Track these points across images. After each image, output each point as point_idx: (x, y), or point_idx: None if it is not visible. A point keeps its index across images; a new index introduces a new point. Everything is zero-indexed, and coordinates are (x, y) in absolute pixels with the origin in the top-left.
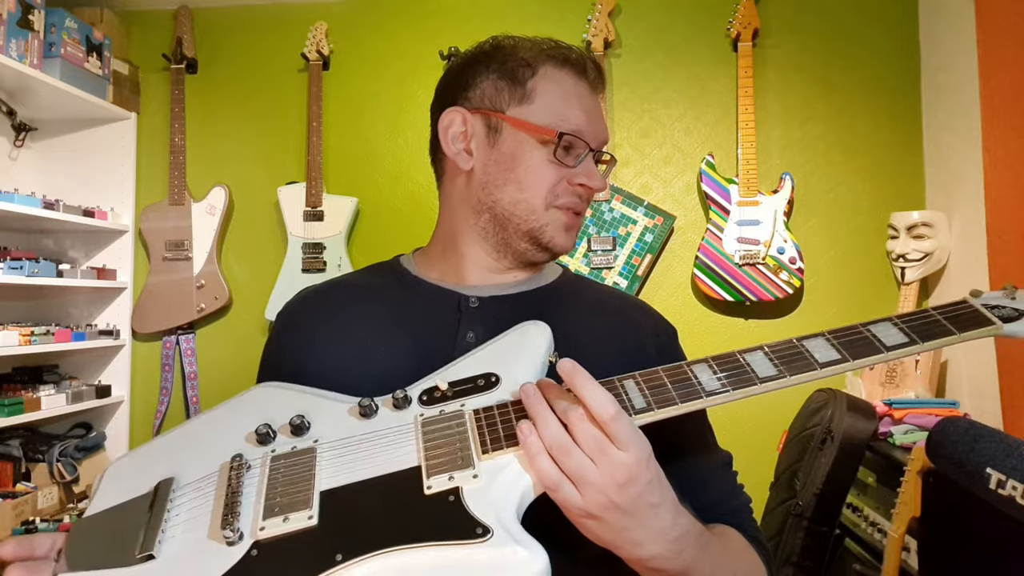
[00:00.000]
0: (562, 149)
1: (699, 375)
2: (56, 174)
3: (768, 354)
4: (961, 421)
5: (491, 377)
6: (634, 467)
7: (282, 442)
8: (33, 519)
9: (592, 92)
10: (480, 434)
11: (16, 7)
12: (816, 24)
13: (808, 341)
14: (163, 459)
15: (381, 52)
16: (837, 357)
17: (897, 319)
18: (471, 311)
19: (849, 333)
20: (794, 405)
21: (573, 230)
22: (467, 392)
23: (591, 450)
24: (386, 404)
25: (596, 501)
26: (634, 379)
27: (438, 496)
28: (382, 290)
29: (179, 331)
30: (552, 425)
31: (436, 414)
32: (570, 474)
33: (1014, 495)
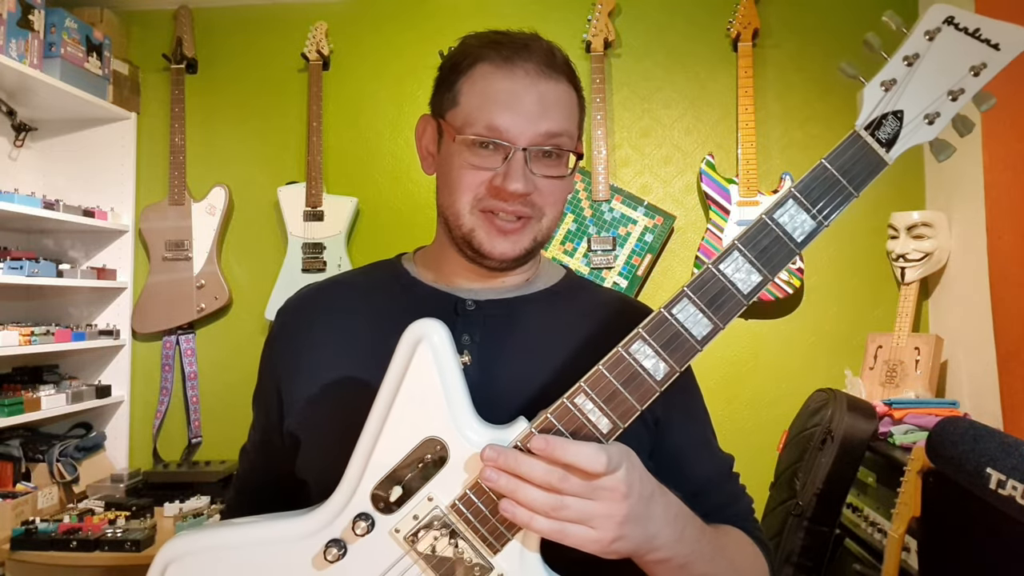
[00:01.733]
0: (480, 149)
1: (642, 362)
2: (56, 174)
3: (695, 301)
4: (961, 421)
5: (435, 446)
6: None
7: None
8: (33, 519)
9: (531, 84)
10: (479, 534)
11: (16, 7)
12: (816, 24)
13: (724, 264)
14: None
15: (381, 52)
16: (759, 280)
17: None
18: (468, 314)
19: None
20: (794, 405)
21: (511, 235)
22: (422, 479)
23: (585, 494)
24: (348, 537)
25: (610, 526)
26: (584, 393)
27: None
28: (380, 291)
29: (179, 331)
30: (534, 494)
31: (412, 524)
32: (573, 520)
33: (1014, 495)
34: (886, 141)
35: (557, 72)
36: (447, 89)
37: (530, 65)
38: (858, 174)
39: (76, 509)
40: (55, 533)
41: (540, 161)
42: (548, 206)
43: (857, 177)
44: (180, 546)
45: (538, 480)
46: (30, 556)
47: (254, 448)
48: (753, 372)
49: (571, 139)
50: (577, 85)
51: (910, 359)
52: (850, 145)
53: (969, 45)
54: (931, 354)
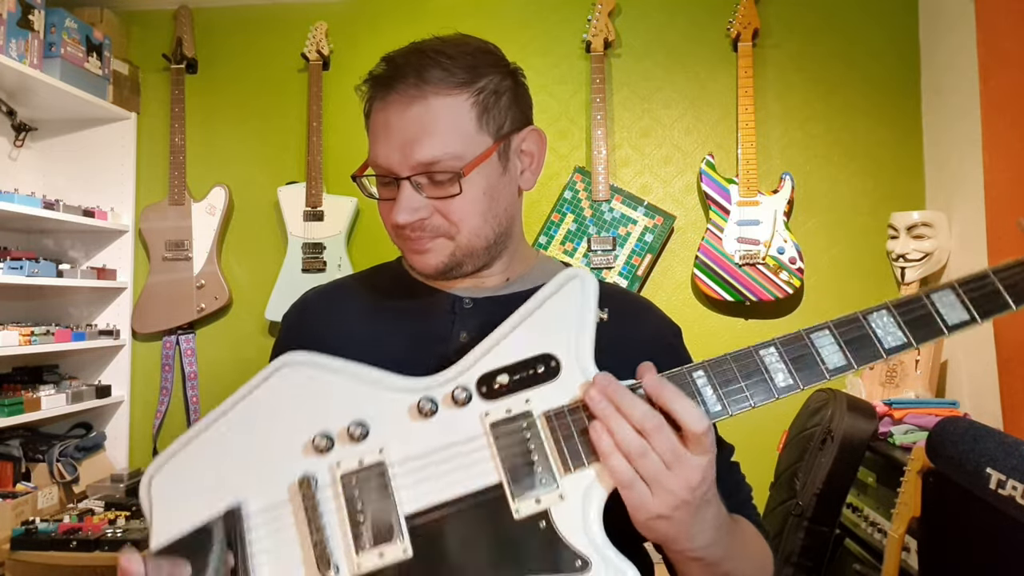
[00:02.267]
0: (381, 185)
1: (771, 370)
2: (56, 174)
3: (836, 336)
4: (961, 421)
5: (550, 361)
6: (708, 469)
7: (345, 453)
8: (33, 519)
9: (403, 111)
10: (558, 447)
11: (16, 7)
12: (816, 24)
13: (873, 319)
14: (215, 474)
15: (381, 52)
16: (903, 342)
17: (960, 288)
18: (465, 312)
19: (913, 308)
20: (794, 405)
21: (427, 253)
22: (527, 382)
23: (668, 456)
24: (445, 400)
25: (667, 502)
26: (705, 372)
27: (529, 521)
28: (382, 292)
29: (179, 331)
30: (625, 429)
31: (503, 415)
32: (645, 476)
33: (1014, 495)
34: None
35: (428, 90)
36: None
37: (399, 92)
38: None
39: (76, 509)
40: (55, 533)
41: (431, 185)
42: (458, 223)
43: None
44: (298, 357)
45: (635, 419)
46: (30, 556)
47: None
48: None
49: (456, 158)
50: (476, 84)
51: (910, 359)
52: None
53: None
54: (931, 354)
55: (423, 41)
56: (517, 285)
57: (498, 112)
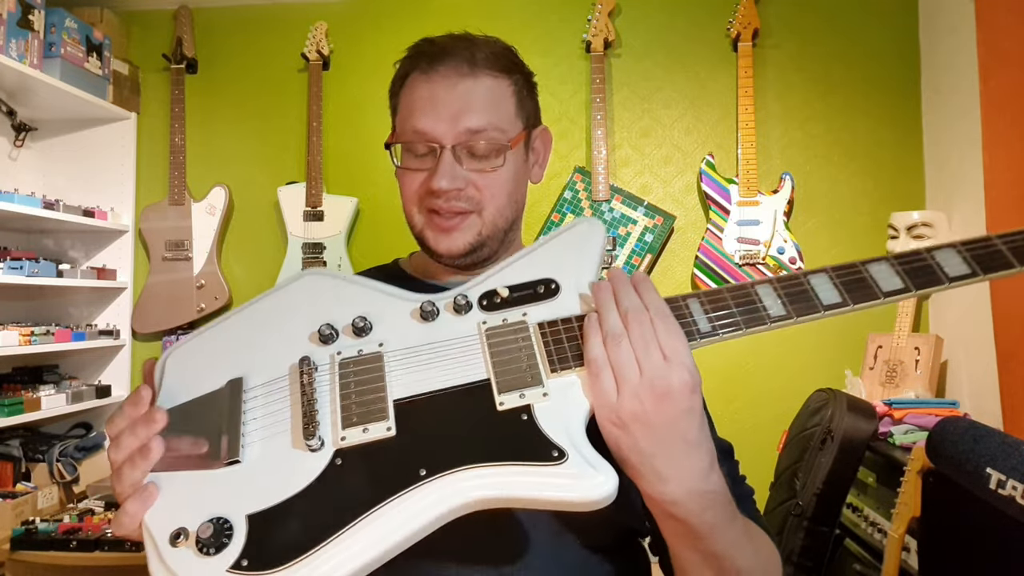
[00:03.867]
0: (412, 155)
1: (763, 298)
2: (56, 174)
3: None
4: (961, 421)
5: (551, 284)
6: (676, 384)
7: (346, 344)
8: (33, 519)
9: (451, 84)
10: (547, 351)
11: (16, 7)
12: (816, 24)
13: (873, 266)
14: (226, 354)
15: (381, 52)
16: (900, 286)
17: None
18: None
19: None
20: (794, 405)
21: (453, 231)
22: (527, 299)
23: (640, 351)
24: (447, 307)
25: (629, 406)
26: (699, 299)
27: (511, 413)
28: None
29: (179, 331)
30: (613, 316)
31: (499, 323)
32: (615, 366)
33: (1014, 495)
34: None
35: (479, 69)
36: (392, 107)
37: (449, 69)
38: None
39: (76, 509)
40: (55, 533)
41: (470, 157)
42: (487, 199)
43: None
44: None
45: (622, 303)
46: (30, 556)
47: None
48: (753, 372)
49: (500, 131)
50: (513, 75)
51: (910, 359)
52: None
53: None
54: (931, 354)
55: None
56: None
57: (528, 104)
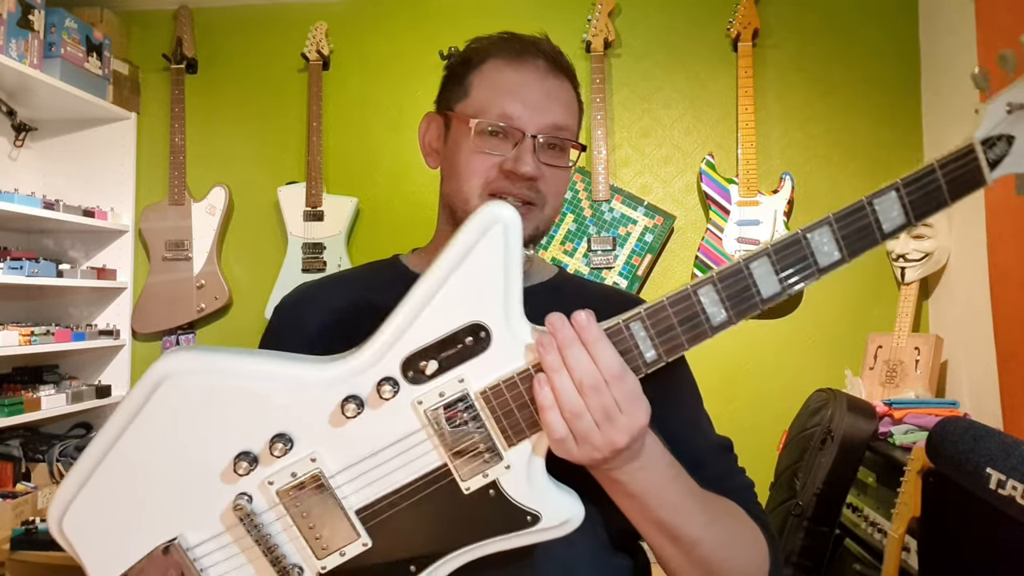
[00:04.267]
0: (490, 136)
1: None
2: (56, 174)
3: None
4: (961, 421)
5: (478, 331)
6: (634, 433)
7: (273, 468)
8: (33, 519)
9: (540, 79)
10: (500, 425)
11: (16, 7)
12: (816, 24)
13: (812, 235)
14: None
15: (381, 52)
16: (837, 257)
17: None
18: None
19: (852, 217)
20: (794, 405)
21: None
22: (457, 358)
23: (599, 416)
24: (371, 398)
25: (588, 455)
26: (641, 321)
27: (479, 493)
28: (378, 285)
29: (179, 331)
30: (567, 388)
31: (437, 400)
32: (575, 433)
33: (1014, 495)
34: (991, 161)
35: (561, 72)
36: (457, 83)
37: (539, 62)
38: (959, 185)
39: None
40: None
41: (546, 151)
42: (551, 195)
43: (958, 188)
44: (180, 362)
45: (576, 374)
46: (30, 556)
47: None
48: (753, 372)
49: (572, 134)
50: (577, 88)
51: (910, 359)
52: (964, 155)
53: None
54: (931, 354)
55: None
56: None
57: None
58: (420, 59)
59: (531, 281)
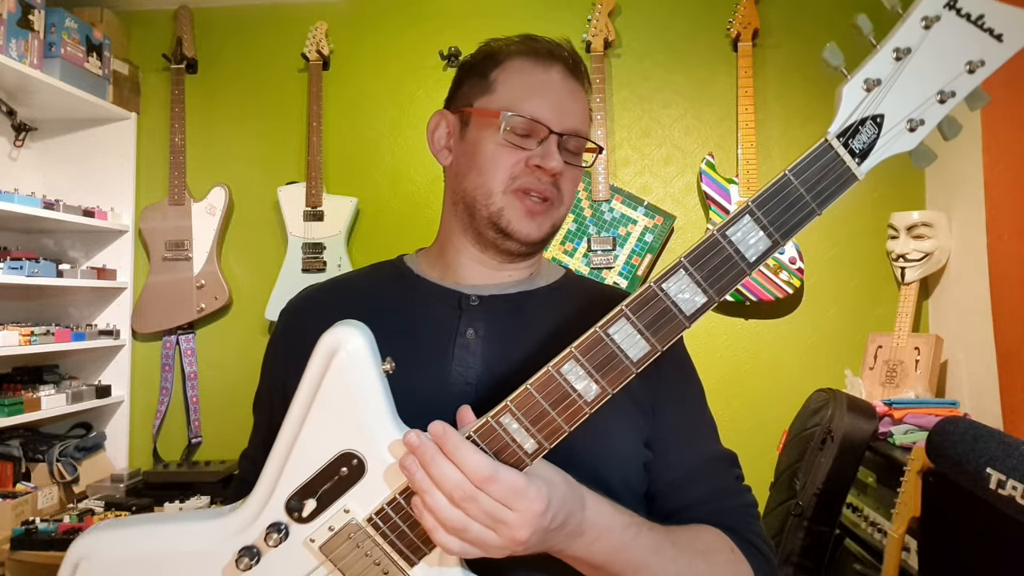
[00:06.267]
0: (517, 133)
1: (574, 383)
2: (56, 174)
3: (634, 322)
4: (961, 421)
5: (351, 460)
6: (532, 521)
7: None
8: (33, 519)
9: (563, 81)
10: (396, 547)
11: (16, 7)
12: (816, 24)
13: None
14: None
15: (381, 52)
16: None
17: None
18: (472, 308)
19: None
20: (794, 405)
21: (537, 216)
22: (338, 490)
23: (488, 522)
24: (261, 546)
25: (505, 550)
26: (509, 411)
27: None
28: (384, 289)
29: (179, 331)
30: (442, 505)
31: (328, 535)
32: (472, 543)
33: (1014, 495)
34: (860, 152)
35: (582, 77)
36: (479, 79)
37: (562, 65)
38: (824, 189)
39: (76, 509)
40: (55, 533)
41: (565, 151)
42: (567, 194)
43: (823, 192)
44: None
45: (445, 489)
46: (30, 556)
47: (256, 449)
48: (753, 372)
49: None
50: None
51: (910, 359)
52: (819, 156)
53: (968, 36)
54: (931, 354)
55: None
56: (527, 284)
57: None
58: (420, 59)
59: (535, 284)
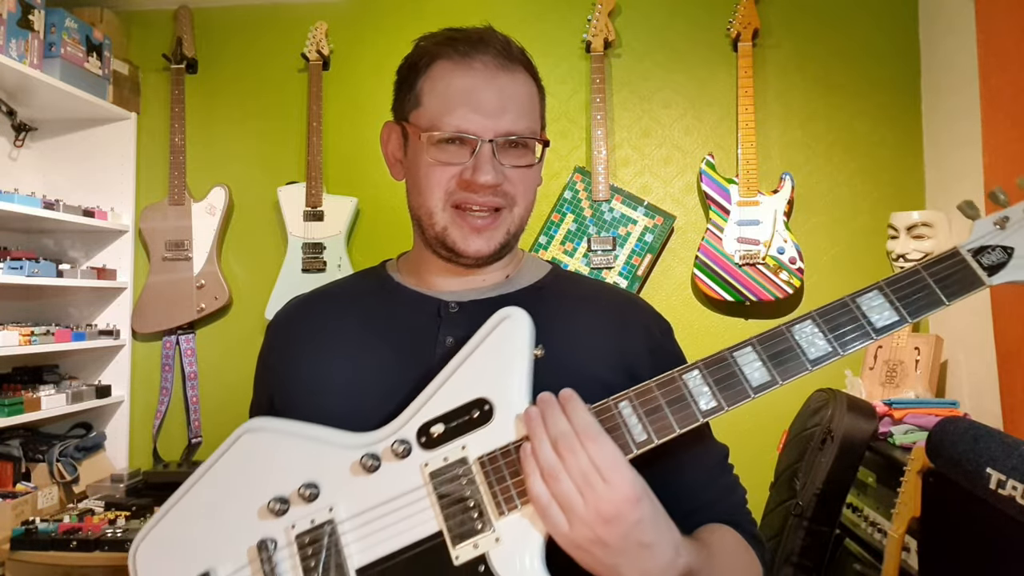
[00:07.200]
0: (447, 146)
1: (694, 393)
2: (56, 174)
3: (759, 353)
4: (961, 421)
5: (484, 405)
6: (621, 503)
7: (298, 514)
8: (33, 519)
9: (490, 78)
10: (492, 492)
11: (16, 7)
12: (816, 24)
13: (798, 329)
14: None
15: (381, 52)
16: (828, 351)
17: (887, 288)
18: (450, 316)
19: (837, 312)
20: (794, 405)
21: (484, 231)
22: (463, 428)
23: (579, 481)
24: (387, 455)
25: (582, 534)
26: (629, 400)
27: (468, 566)
28: (366, 298)
29: (179, 331)
30: (546, 449)
31: (441, 464)
32: (559, 500)
33: (1014, 495)
34: (989, 267)
35: (514, 64)
36: (408, 91)
37: (487, 59)
38: (952, 285)
39: (76, 509)
40: (55, 533)
41: (507, 152)
42: (519, 195)
43: (951, 288)
44: (257, 423)
45: (552, 434)
46: (30, 556)
47: None
48: None
49: (534, 129)
50: (535, 75)
51: (910, 359)
52: (951, 263)
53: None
54: (931, 354)
55: (471, 28)
56: (507, 286)
57: (543, 107)
58: None
59: (516, 285)
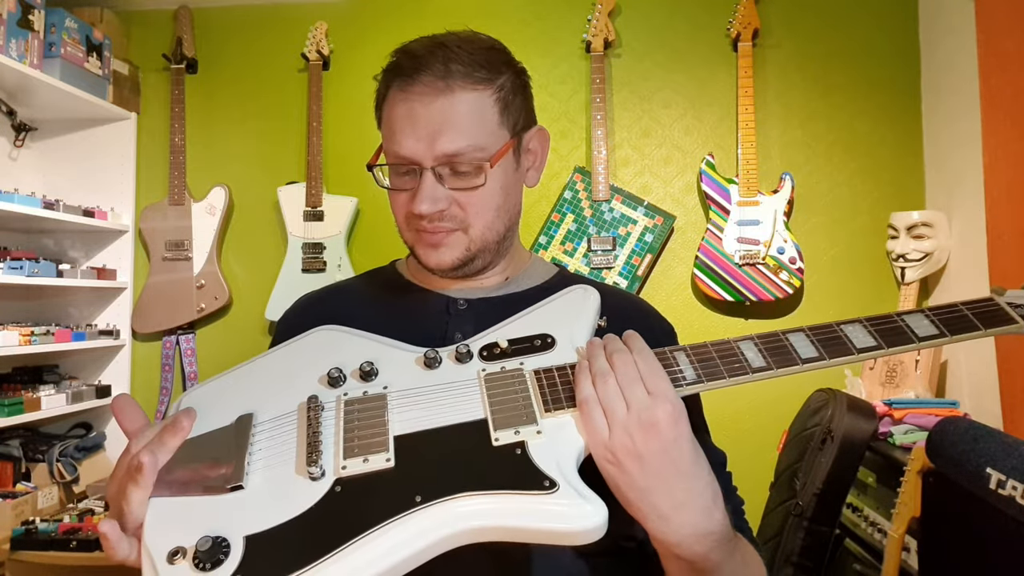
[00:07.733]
0: (400, 175)
1: (745, 352)
2: (56, 174)
3: (809, 336)
4: (961, 421)
5: (547, 338)
6: (659, 414)
7: (353, 386)
8: (33, 519)
9: (428, 99)
10: (542, 393)
11: (16, 7)
12: (816, 24)
13: (846, 326)
14: (239, 394)
15: (381, 52)
16: (873, 344)
17: (929, 311)
18: (459, 312)
19: (885, 321)
20: (794, 405)
21: (440, 246)
22: (525, 351)
23: (624, 384)
24: (449, 356)
25: (621, 442)
26: (685, 352)
27: (506, 448)
28: (377, 294)
29: (179, 331)
30: (600, 358)
31: (498, 371)
32: (603, 403)
33: (1014, 495)
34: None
35: (455, 83)
36: (378, 114)
37: (424, 85)
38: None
39: (76, 509)
40: (55, 533)
41: (452, 176)
42: (472, 217)
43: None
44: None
45: (608, 347)
46: (30, 556)
47: None
48: None
49: (480, 149)
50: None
51: (910, 359)
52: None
53: None
54: (931, 354)
55: (439, 35)
56: (512, 286)
57: (515, 109)
58: None
59: (522, 286)
